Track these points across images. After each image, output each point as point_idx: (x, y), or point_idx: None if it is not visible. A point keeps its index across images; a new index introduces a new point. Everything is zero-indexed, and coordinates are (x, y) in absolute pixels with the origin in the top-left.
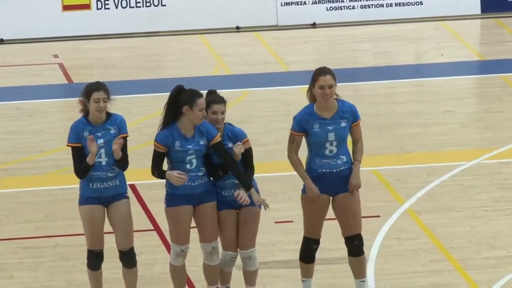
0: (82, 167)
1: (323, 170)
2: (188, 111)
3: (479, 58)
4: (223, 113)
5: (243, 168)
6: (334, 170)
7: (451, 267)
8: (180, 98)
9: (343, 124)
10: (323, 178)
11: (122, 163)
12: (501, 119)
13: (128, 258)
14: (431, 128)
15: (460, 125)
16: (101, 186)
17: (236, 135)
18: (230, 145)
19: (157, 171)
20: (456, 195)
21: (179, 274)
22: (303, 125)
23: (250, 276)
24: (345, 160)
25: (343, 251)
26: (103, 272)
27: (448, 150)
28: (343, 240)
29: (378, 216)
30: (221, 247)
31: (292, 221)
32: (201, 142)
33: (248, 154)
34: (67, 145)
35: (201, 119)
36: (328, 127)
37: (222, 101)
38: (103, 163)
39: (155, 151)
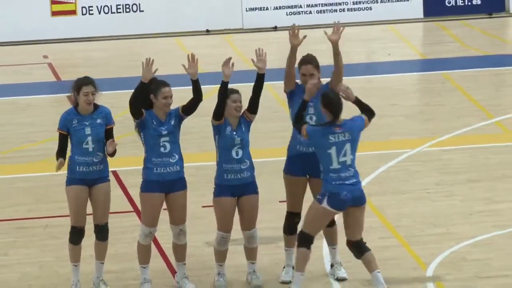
0: (58, 154)
1: (301, 148)
2: (154, 99)
3: (422, 57)
4: (240, 102)
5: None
6: (311, 150)
7: (398, 243)
8: (149, 88)
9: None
10: (301, 158)
11: (113, 154)
12: (441, 111)
13: (103, 231)
14: (379, 120)
15: (405, 117)
16: (87, 169)
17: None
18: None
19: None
20: (402, 179)
21: (145, 252)
22: (297, 86)
23: (251, 252)
24: None
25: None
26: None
27: (395, 139)
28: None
29: None
30: (216, 227)
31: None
32: (172, 122)
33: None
34: (57, 130)
35: (166, 106)
36: (308, 106)
37: (238, 92)
38: (90, 149)
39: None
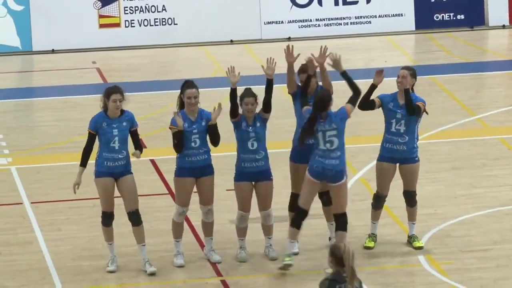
0: (83, 155)
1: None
2: (183, 99)
3: (414, 64)
4: (252, 104)
5: None
6: (310, 142)
7: (392, 221)
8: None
9: None
10: (302, 148)
11: (140, 150)
12: (430, 109)
13: (134, 217)
14: (377, 117)
15: None
16: (113, 164)
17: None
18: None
19: (176, 142)
20: None
21: (178, 228)
22: (298, 88)
23: (268, 229)
24: None
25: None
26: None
27: None
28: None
29: None
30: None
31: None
32: (203, 123)
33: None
34: (88, 130)
35: (190, 105)
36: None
37: (251, 95)
38: (116, 148)
39: (172, 133)
